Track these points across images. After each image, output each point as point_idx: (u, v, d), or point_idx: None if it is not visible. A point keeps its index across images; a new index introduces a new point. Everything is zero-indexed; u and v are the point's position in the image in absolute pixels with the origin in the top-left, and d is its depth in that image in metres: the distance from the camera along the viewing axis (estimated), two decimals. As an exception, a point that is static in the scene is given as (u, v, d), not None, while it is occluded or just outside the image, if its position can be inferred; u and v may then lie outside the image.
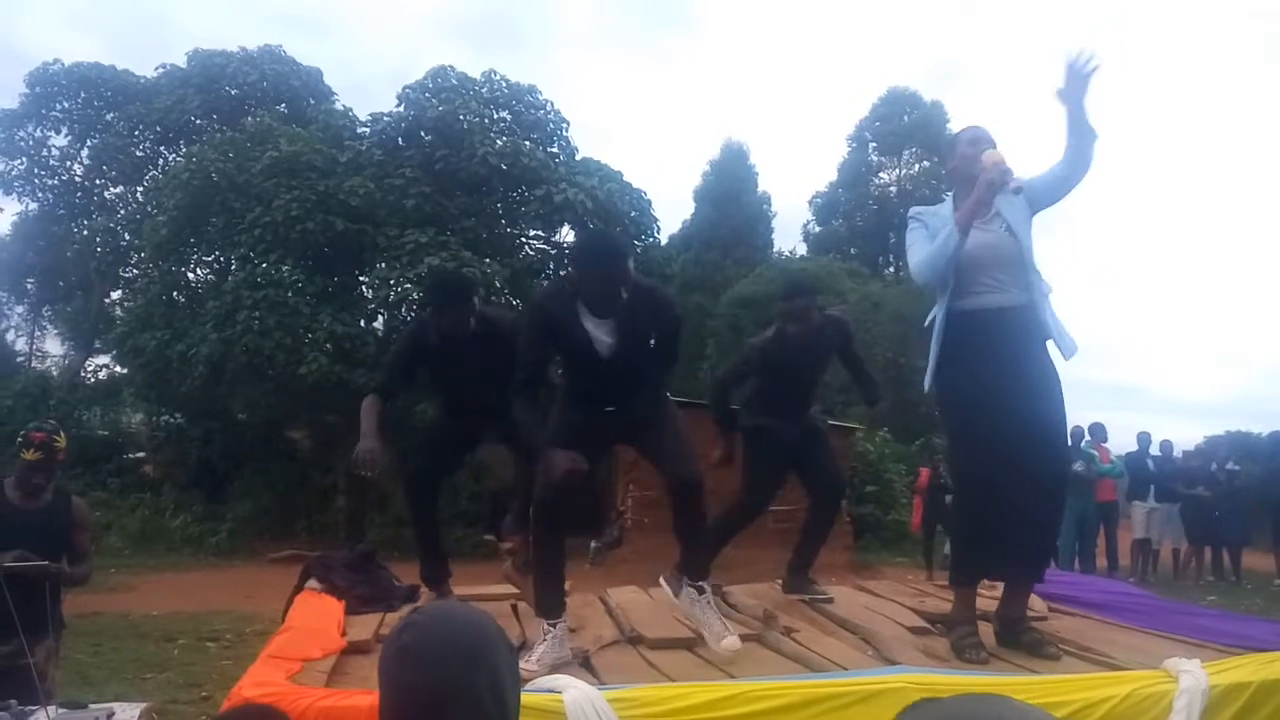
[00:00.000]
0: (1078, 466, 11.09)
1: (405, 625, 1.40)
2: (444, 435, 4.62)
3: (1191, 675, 2.77)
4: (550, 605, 3.42)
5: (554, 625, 3.35)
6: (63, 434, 4.21)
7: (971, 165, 3.48)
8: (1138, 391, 42.25)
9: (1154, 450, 12.93)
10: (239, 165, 15.34)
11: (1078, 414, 12.57)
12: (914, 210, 3.73)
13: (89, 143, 21.54)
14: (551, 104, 17.45)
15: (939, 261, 3.43)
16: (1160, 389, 46.57)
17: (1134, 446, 12.92)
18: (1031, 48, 54.31)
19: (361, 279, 16.49)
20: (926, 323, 3.62)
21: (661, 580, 3.79)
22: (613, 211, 15.87)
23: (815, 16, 56.95)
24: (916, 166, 30.63)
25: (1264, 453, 13.31)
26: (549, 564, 3.50)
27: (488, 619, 1.46)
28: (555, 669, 3.02)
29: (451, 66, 17.13)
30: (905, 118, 30.63)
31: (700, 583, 3.47)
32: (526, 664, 3.00)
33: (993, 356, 3.38)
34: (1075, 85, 3.35)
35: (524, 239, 17.20)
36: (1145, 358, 52.29)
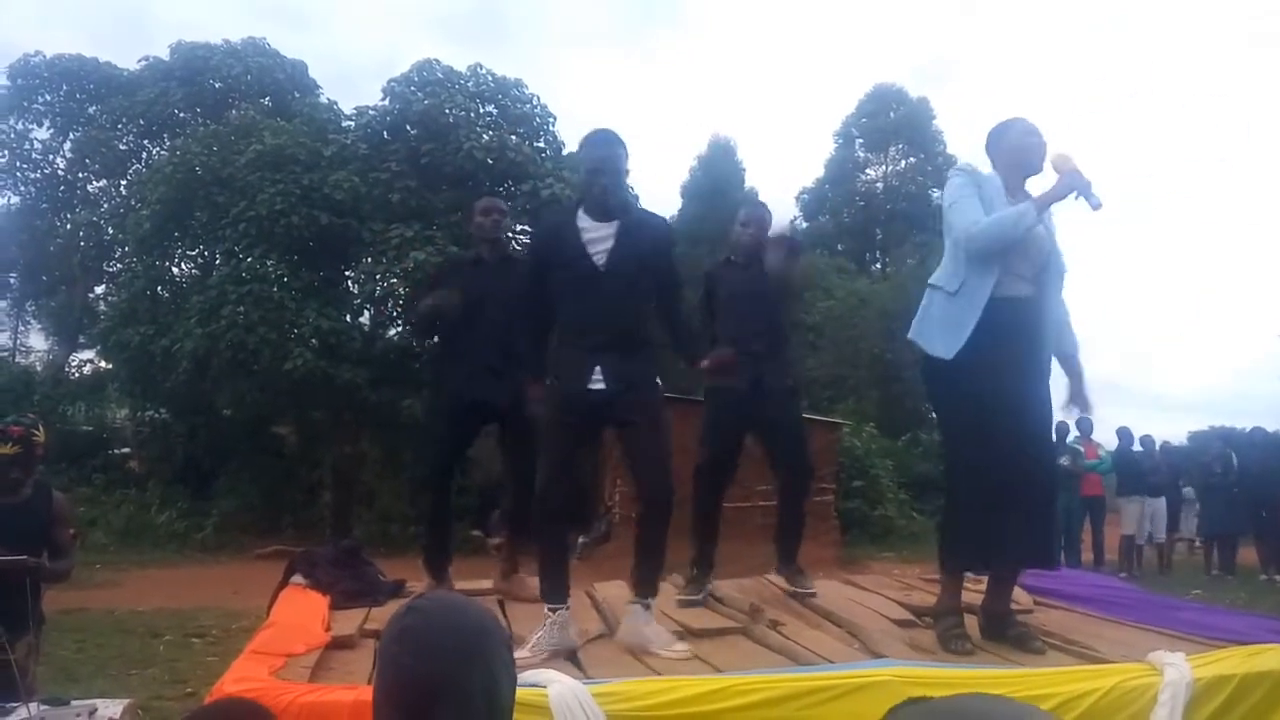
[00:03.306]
0: (1063, 461, 11.14)
1: (410, 608, 1.43)
2: (453, 420, 4.51)
3: (1176, 668, 2.78)
4: (553, 590, 3.42)
5: (555, 610, 3.34)
6: (42, 428, 4.17)
7: (1025, 155, 3.48)
8: (1118, 387, 42.41)
9: (1136, 446, 13.00)
10: (223, 159, 15.25)
11: (1060, 411, 12.63)
12: (965, 164, 3.64)
13: (71, 136, 21.37)
14: (538, 98, 17.42)
15: (1008, 235, 3.33)
16: (1141, 385, 46.75)
17: (1115, 442, 13.00)
18: (1024, 46, 54.49)
19: (347, 274, 16.43)
20: (948, 286, 3.46)
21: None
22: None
23: (802, 13, 56.99)
24: (903, 163, 30.69)
25: (1251, 447, 13.37)
26: (551, 550, 3.51)
27: (490, 616, 1.48)
28: (556, 655, 3.00)
29: (437, 60, 17.07)
30: (891, 114, 30.67)
31: (649, 600, 3.45)
32: (521, 652, 2.98)
33: (1009, 346, 3.36)
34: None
35: (510, 234, 17.12)
36: (1125, 353, 52.55)
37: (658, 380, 3.58)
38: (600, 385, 3.40)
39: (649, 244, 3.49)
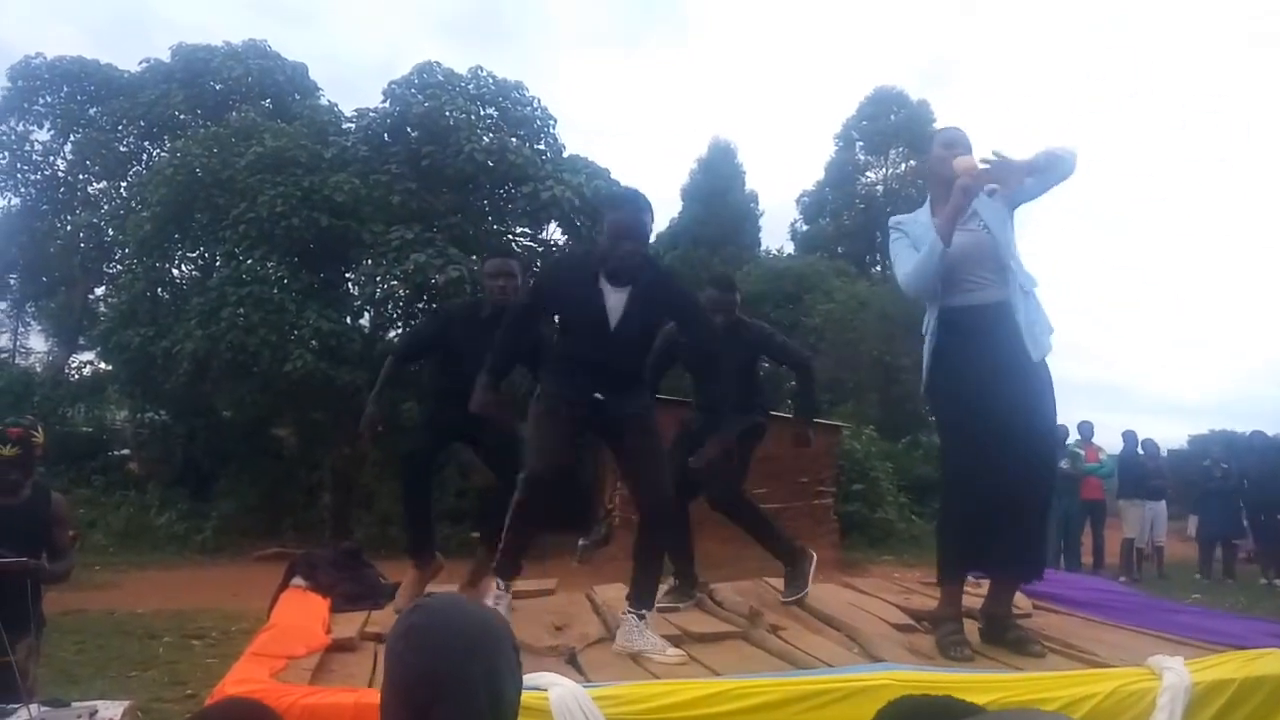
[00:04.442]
0: (1062, 464, 11.14)
1: (416, 606, 1.47)
2: (437, 419, 4.67)
3: (1175, 673, 2.78)
4: (509, 568, 3.68)
5: (505, 589, 3.60)
6: (41, 429, 4.17)
7: (946, 168, 3.51)
8: (1121, 391, 42.44)
9: (1138, 450, 12.98)
10: (223, 161, 15.23)
11: (1061, 414, 12.63)
12: (894, 220, 3.76)
13: (72, 137, 21.32)
14: (538, 100, 17.37)
15: (926, 272, 3.47)
16: (1144, 389, 46.78)
17: (1120, 445, 12.97)
18: (1024, 46, 54.50)
19: (347, 276, 16.41)
20: (924, 330, 3.64)
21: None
22: (600, 209, 15.82)
23: (802, 16, 57.04)
24: (903, 166, 30.62)
25: (1250, 452, 13.37)
26: (523, 537, 3.68)
27: (496, 616, 1.51)
28: None
29: (438, 62, 17.04)
30: (892, 117, 30.62)
31: (644, 611, 3.48)
32: None
33: (978, 353, 3.41)
34: (1012, 173, 3.45)
35: (510, 236, 17.14)
36: (1129, 358, 52.55)
37: (650, 405, 3.72)
38: (600, 397, 3.54)
39: (662, 311, 3.61)
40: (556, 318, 3.76)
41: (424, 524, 4.65)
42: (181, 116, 19.08)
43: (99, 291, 21.49)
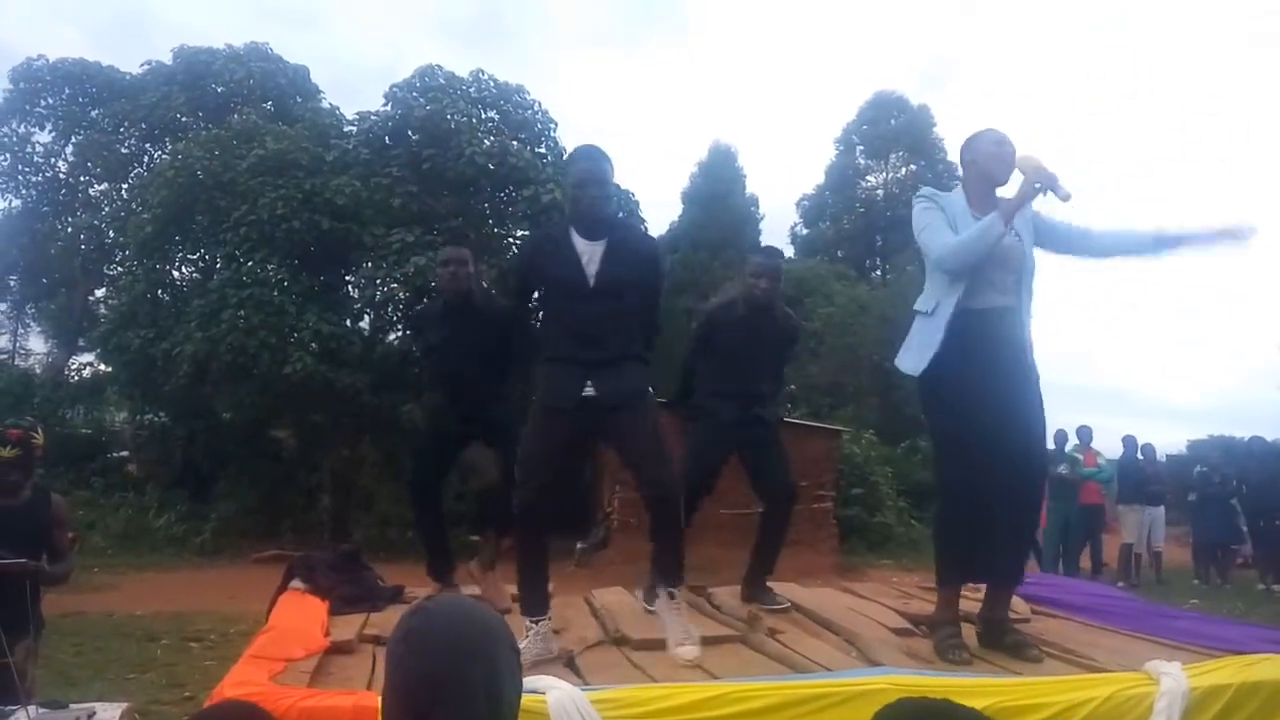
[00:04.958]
0: (1061, 469, 11.13)
1: (416, 609, 1.46)
2: (437, 437, 4.75)
3: (1172, 677, 2.79)
4: (533, 603, 3.45)
5: (537, 623, 3.37)
6: (41, 430, 4.17)
7: (995, 165, 3.48)
8: (1121, 395, 42.38)
9: (1138, 455, 12.97)
10: (224, 163, 15.26)
11: (1060, 419, 12.62)
12: (927, 190, 3.66)
13: (73, 139, 21.38)
14: (539, 104, 17.42)
15: (978, 249, 3.36)
16: (1144, 393, 46.73)
17: (1119, 450, 12.96)
18: (1024, 47, 54.60)
19: (347, 278, 16.44)
20: (925, 308, 3.53)
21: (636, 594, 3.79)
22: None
23: (803, 19, 57.12)
24: (903, 170, 30.68)
25: (1249, 457, 13.36)
26: (531, 562, 3.52)
27: (497, 619, 1.50)
28: (536, 666, 3.02)
29: (439, 65, 17.09)
30: (892, 121, 30.70)
31: (672, 588, 3.47)
32: None
33: (988, 357, 3.39)
34: (1220, 243, 3.48)
35: (511, 239, 17.17)
36: (1129, 361, 52.56)
37: (649, 389, 3.60)
38: (592, 392, 3.43)
39: (637, 262, 3.53)
40: (538, 292, 3.70)
41: (441, 546, 4.70)
42: (183, 119, 19.12)
43: (99, 293, 21.54)
